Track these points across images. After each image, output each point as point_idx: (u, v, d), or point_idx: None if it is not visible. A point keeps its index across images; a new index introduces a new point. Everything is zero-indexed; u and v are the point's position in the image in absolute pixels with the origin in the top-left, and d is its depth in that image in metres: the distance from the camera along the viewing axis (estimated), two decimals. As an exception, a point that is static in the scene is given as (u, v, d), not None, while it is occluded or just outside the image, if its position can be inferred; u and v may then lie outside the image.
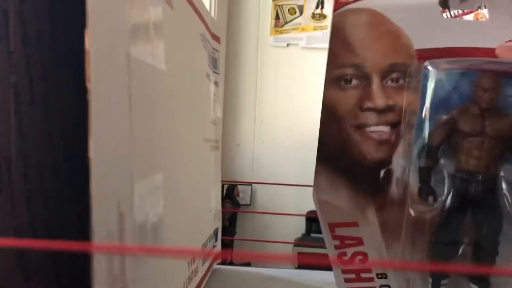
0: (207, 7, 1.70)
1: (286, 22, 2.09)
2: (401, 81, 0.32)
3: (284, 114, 2.00)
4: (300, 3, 2.08)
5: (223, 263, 0.64)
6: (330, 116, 0.32)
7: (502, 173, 0.29)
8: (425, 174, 0.30)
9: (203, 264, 0.48)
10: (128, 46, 0.24)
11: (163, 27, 0.30)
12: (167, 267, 0.33)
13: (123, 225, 0.23)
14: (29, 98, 0.19)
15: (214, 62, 0.52)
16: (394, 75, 0.32)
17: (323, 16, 2.06)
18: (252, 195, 2.00)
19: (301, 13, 2.08)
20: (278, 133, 2.01)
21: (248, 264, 1.48)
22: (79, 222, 0.19)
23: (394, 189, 0.32)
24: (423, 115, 0.30)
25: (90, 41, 0.16)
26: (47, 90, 0.19)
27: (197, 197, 0.45)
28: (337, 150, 0.33)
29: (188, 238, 0.41)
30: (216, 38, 0.53)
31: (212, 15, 1.70)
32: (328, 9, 2.03)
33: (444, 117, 0.29)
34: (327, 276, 0.63)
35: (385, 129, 0.32)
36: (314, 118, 0.34)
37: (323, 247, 0.34)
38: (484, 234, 0.29)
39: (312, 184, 0.33)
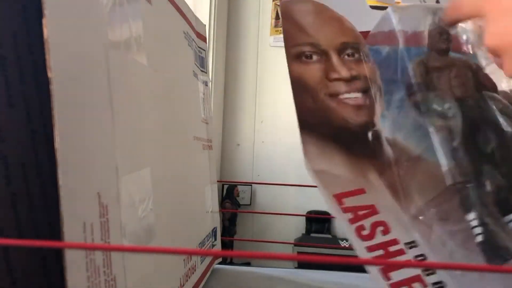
0: (208, 7, 1.70)
1: (286, 22, 2.09)
2: (356, 55, 0.35)
3: (284, 114, 1.99)
4: (300, 3, 2.08)
5: (223, 262, 0.64)
6: (301, 87, 0.34)
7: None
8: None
9: (201, 263, 0.48)
10: (106, 38, 0.24)
11: (142, 22, 0.30)
12: (162, 262, 0.33)
13: (107, 217, 0.23)
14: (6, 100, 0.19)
15: (201, 61, 0.52)
16: (349, 51, 0.35)
17: (323, 16, 2.06)
18: (252, 195, 2.00)
19: (301, 13, 2.07)
20: (278, 133, 2.00)
21: (248, 264, 1.47)
22: (55, 215, 0.19)
23: (388, 150, 0.33)
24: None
25: (48, 31, 0.16)
26: (26, 91, 0.19)
27: (190, 195, 0.45)
28: (318, 118, 0.34)
29: (182, 235, 0.40)
30: (201, 37, 0.53)
31: (212, 15, 1.69)
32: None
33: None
34: (327, 276, 0.63)
35: (358, 95, 0.34)
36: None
37: (323, 247, 0.33)
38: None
39: (312, 184, 0.33)
